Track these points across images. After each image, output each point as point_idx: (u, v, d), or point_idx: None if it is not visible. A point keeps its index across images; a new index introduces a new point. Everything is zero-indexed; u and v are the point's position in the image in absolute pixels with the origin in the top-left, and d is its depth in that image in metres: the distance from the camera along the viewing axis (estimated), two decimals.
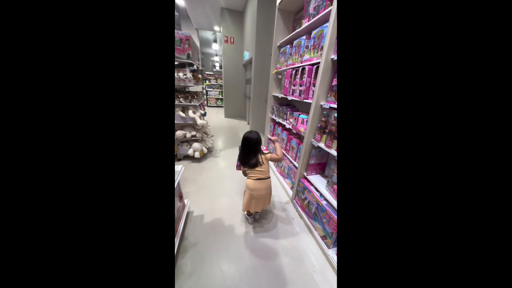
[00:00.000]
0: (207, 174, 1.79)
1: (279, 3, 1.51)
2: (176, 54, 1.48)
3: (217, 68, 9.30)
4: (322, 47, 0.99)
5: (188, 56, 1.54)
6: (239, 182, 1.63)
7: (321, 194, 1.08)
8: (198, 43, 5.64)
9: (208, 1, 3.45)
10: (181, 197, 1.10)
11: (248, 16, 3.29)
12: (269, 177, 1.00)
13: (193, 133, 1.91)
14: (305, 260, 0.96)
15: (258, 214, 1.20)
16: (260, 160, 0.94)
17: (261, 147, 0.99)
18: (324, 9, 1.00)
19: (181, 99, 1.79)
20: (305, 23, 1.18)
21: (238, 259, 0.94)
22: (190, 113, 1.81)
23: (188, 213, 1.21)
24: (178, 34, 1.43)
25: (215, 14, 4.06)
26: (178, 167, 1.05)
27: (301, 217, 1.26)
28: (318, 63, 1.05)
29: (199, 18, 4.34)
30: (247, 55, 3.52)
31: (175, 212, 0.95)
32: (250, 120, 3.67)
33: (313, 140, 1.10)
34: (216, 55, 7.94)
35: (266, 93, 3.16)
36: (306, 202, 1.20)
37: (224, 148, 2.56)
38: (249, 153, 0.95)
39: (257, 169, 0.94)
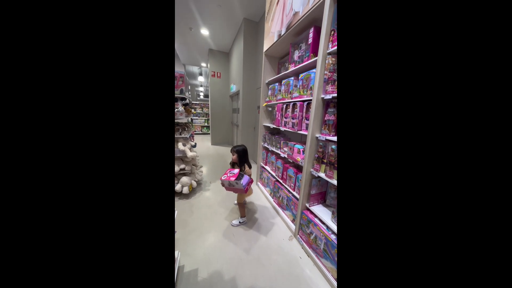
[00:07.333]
0: (198, 212, 1.59)
1: (265, 50, 1.76)
2: None
3: (201, 97, 9.70)
4: (311, 87, 1.14)
5: (181, 91, 1.57)
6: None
7: (327, 227, 1.03)
8: None
9: (197, 44, 3.86)
10: None
11: (234, 56, 3.70)
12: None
13: (182, 166, 1.77)
14: None
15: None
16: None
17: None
18: (308, 59, 1.19)
19: None
20: (292, 68, 1.38)
21: None
22: (180, 145, 1.72)
23: (178, 269, 0.99)
24: None
25: (202, 54, 4.48)
26: None
27: (308, 255, 1.15)
28: (309, 100, 1.18)
29: (187, 56, 4.72)
30: (234, 88, 3.78)
31: None
32: None
33: (312, 170, 1.11)
34: (201, 85, 8.37)
35: (254, 121, 3.33)
36: (312, 237, 1.12)
37: (214, 179, 2.40)
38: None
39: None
